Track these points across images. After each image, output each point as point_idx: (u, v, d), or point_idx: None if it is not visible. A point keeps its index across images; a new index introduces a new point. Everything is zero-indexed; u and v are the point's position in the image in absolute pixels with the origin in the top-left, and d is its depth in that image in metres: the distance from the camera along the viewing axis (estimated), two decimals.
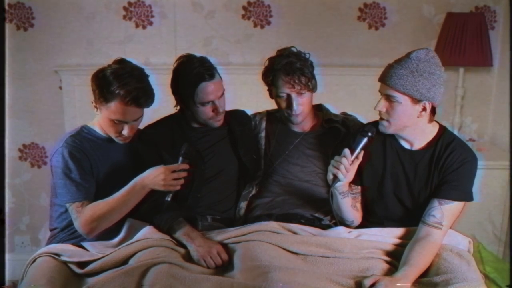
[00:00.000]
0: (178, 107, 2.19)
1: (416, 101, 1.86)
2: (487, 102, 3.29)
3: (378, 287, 1.69)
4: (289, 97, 2.11)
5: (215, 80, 2.07)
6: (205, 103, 2.07)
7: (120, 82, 1.93)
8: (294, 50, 2.13)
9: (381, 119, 1.93)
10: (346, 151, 1.89)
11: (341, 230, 1.97)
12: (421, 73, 1.84)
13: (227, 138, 2.21)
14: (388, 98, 1.88)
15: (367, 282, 1.70)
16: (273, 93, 2.15)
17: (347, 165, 1.88)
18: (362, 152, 1.91)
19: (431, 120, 1.94)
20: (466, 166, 1.92)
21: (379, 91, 1.92)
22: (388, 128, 1.93)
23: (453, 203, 1.90)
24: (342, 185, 1.94)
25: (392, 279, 1.73)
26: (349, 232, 1.96)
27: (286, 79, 2.08)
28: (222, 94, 2.10)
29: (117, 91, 1.93)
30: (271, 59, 2.14)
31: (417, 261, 1.80)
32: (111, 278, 1.73)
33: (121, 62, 2.01)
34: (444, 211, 1.88)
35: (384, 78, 1.89)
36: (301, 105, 2.11)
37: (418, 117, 1.89)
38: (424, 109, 1.88)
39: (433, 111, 1.92)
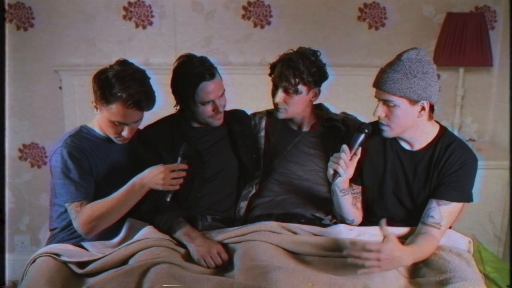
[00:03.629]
0: (178, 107, 2.19)
1: (414, 102, 1.86)
2: (487, 102, 3.29)
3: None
4: (276, 89, 2.10)
5: (215, 79, 2.07)
6: (205, 102, 2.07)
7: (123, 85, 1.92)
8: (310, 51, 2.11)
9: (382, 124, 1.93)
10: (344, 146, 1.91)
11: (342, 228, 1.98)
12: (414, 74, 1.84)
13: (226, 137, 2.21)
14: (386, 103, 1.88)
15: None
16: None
17: (347, 160, 1.90)
18: (360, 148, 1.93)
19: (430, 118, 1.94)
20: (466, 168, 1.92)
21: (375, 97, 1.91)
22: (391, 132, 1.93)
23: (452, 204, 1.90)
24: (342, 181, 1.95)
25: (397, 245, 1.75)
26: (350, 230, 1.97)
27: (279, 71, 2.07)
28: (223, 93, 2.10)
29: (119, 94, 1.92)
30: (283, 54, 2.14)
31: (419, 246, 1.83)
32: (111, 278, 1.74)
33: (124, 64, 2.00)
34: (443, 211, 1.89)
35: (379, 84, 1.89)
36: (283, 101, 2.09)
37: (418, 117, 1.90)
38: (423, 108, 1.89)
39: (431, 108, 1.92)
